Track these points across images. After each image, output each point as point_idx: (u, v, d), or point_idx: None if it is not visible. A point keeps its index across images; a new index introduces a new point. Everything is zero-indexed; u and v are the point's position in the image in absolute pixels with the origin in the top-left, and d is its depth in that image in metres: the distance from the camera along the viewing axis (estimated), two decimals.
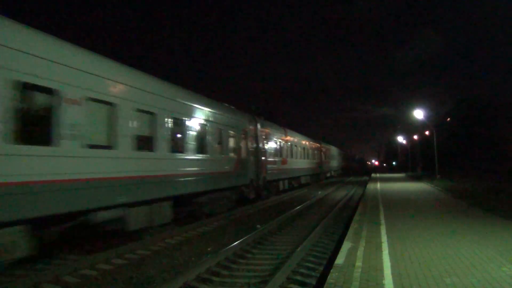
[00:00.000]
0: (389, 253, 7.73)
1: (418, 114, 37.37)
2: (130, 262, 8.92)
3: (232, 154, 17.30)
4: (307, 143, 36.01)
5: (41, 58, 7.75)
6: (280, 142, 25.84)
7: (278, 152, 25.36)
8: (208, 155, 14.56)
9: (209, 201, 14.87)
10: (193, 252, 9.92)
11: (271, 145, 23.67)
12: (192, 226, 12.99)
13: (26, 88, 7.42)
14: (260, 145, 21.19)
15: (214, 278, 7.68)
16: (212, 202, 15.12)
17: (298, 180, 32.09)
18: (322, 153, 44.65)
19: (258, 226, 13.32)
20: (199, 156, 13.82)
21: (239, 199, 18.46)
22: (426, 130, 50.47)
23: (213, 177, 14.81)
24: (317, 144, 42.59)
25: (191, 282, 7.35)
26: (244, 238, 10.81)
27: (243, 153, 18.67)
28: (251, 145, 19.89)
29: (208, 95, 15.83)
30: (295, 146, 30.66)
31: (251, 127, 20.08)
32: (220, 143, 15.86)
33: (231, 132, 17.19)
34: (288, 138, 28.26)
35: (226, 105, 18.36)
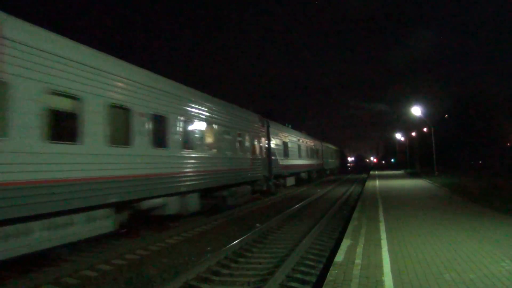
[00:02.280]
0: (388, 250, 7.76)
1: (416, 111, 37.46)
2: (130, 263, 8.93)
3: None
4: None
5: None
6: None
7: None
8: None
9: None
10: (192, 251, 9.93)
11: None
12: (191, 225, 13.01)
13: None
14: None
15: (214, 277, 7.69)
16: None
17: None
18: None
19: (258, 225, 13.33)
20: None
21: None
22: (424, 127, 50.56)
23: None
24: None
25: (191, 281, 7.37)
26: (243, 237, 10.83)
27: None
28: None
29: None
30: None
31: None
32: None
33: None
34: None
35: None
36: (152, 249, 10.16)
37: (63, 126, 8.16)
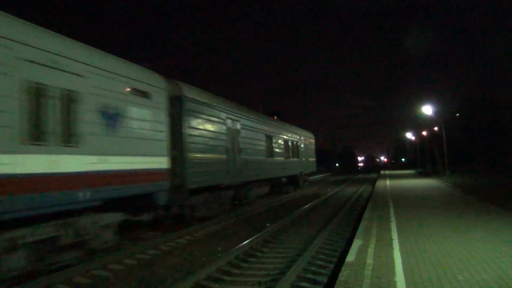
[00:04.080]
0: (400, 250, 7.71)
1: (427, 110, 37.11)
2: (141, 263, 8.98)
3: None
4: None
5: None
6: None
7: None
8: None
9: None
10: (203, 251, 9.96)
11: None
12: (201, 225, 13.04)
13: None
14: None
15: (225, 277, 7.70)
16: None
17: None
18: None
19: (268, 224, 13.32)
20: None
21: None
22: (435, 126, 50.12)
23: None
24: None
25: (202, 281, 7.38)
26: (254, 237, 10.83)
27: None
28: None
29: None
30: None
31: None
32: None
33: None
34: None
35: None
36: (163, 249, 10.20)
37: None
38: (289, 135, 25.71)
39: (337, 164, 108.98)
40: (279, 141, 23.10)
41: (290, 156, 25.33)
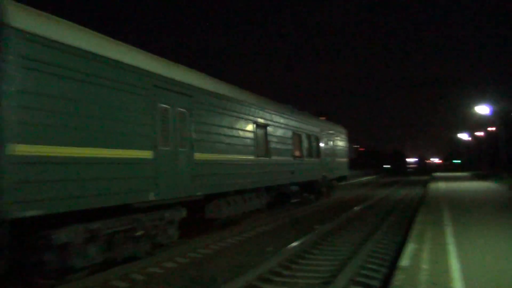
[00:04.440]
0: (457, 256, 7.41)
1: (483, 109, 35.37)
2: (193, 261, 9.18)
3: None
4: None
5: None
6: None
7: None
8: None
9: None
10: (253, 251, 10.02)
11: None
12: (251, 226, 13.15)
13: None
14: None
15: (276, 278, 7.72)
16: None
17: None
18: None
19: (317, 226, 13.22)
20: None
21: None
22: (493, 126, 47.75)
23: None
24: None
25: (253, 281, 7.43)
26: (303, 238, 10.78)
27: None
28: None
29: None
30: None
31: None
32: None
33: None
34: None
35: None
36: (214, 248, 10.38)
37: None
38: (303, 127, 18.86)
39: (385, 166, 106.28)
40: (284, 135, 16.59)
41: (303, 156, 18.54)
